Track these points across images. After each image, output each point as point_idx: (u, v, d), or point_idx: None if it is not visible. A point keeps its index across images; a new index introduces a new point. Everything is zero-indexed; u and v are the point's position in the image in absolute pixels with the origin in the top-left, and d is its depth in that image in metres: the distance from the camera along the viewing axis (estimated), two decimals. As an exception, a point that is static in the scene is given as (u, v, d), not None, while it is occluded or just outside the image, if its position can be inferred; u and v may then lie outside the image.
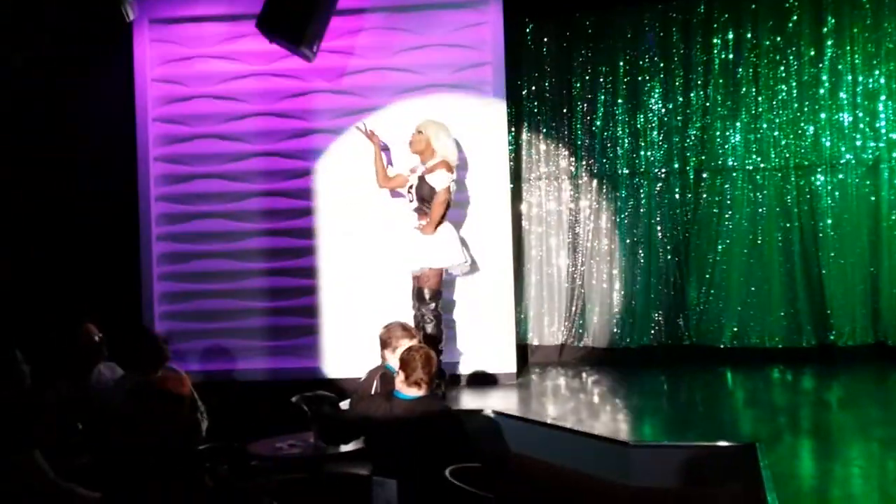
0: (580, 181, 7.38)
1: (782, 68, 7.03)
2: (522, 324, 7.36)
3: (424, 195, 5.95)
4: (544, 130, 7.42)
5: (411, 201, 6.04)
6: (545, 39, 7.39)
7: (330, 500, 4.35)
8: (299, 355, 6.80)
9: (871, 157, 6.91)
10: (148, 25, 6.90)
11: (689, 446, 4.74)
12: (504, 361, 6.69)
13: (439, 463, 3.87)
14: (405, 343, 4.57)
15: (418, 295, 5.99)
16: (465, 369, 6.68)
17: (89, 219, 6.76)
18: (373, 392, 4.71)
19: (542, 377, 6.88)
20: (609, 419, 5.59)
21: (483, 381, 6.60)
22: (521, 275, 7.36)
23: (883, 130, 6.89)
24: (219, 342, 6.85)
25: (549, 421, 5.43)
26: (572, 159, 7.40)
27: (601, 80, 7.30)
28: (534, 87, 7.41)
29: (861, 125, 6.93)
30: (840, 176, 6.97)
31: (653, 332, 7.22)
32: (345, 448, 4.46)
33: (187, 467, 2.66)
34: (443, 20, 6.73)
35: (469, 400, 6.06)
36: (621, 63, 7.26)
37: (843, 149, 6.96)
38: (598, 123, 7.33)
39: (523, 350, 7.22)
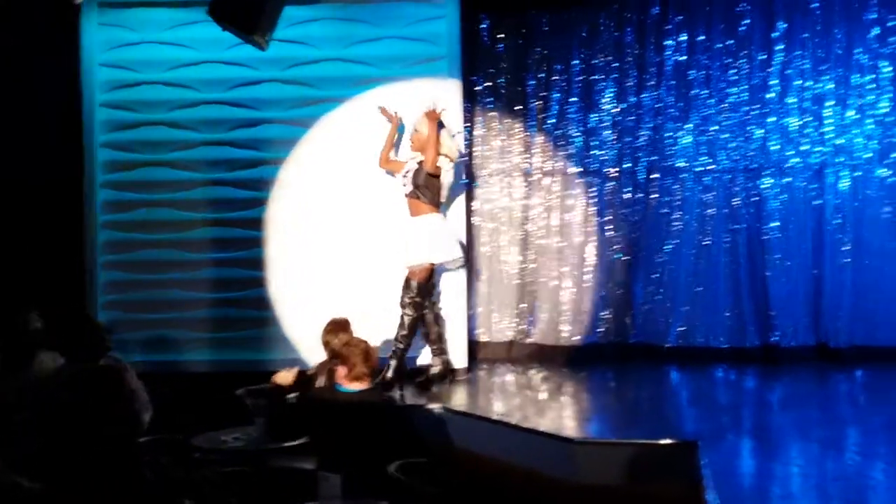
0: (532, 178, 7.40)
1: (733, 71, 7.12)
2: (472, 320, 7.36)
3: (420, 182, 6.06)
4: (498, 127, 7.43)
5: (405, 185, 6.15)
6: (501, 36, 7.39)
7: (274, 494, 4.30)
8: (246, 347, 6.73)
9: (817, 161, 7.04)
10: (97, 9, 6.76)
11: (632, 444, 4.76)
12: (454, 357, 6.69)
13: (384, 458, 3.85)
14: (344, 338, 4.54)
15: (405, 284, 6.12)
16: (414, 363, 6.66)
17: (33, 205, 6.59)
18: (319, 386, 4.68)
19: (491, 373, 6.90)
20: (555, 416, 5.63)
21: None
22: (473, 270, 7.37)
23: (829, 136, 7.02)
24: (164, 333, 6.75)
25: (495, 417, 5.44)
26: (525, 156, 7.42)
27: (556, 78, 7.33)
28: (489, 84, 7.41)
29: (808, 130, 7.05)
30: (787, 179, 7.09)
31: (601, 330, 7.27)
32: (290, 442, 4.41)
33: (127, 459, 2.60)
34: (399, 13, 6.71)
35: (417, 395, 6.04)
36: (576, 62, 7.30)
37: (789, 153, 7.08)
38: (552, 121, 7.36)
39: (472, 346, 7.23)
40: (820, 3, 6.99)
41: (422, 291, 6.11)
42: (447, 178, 6.20)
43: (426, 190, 6.11)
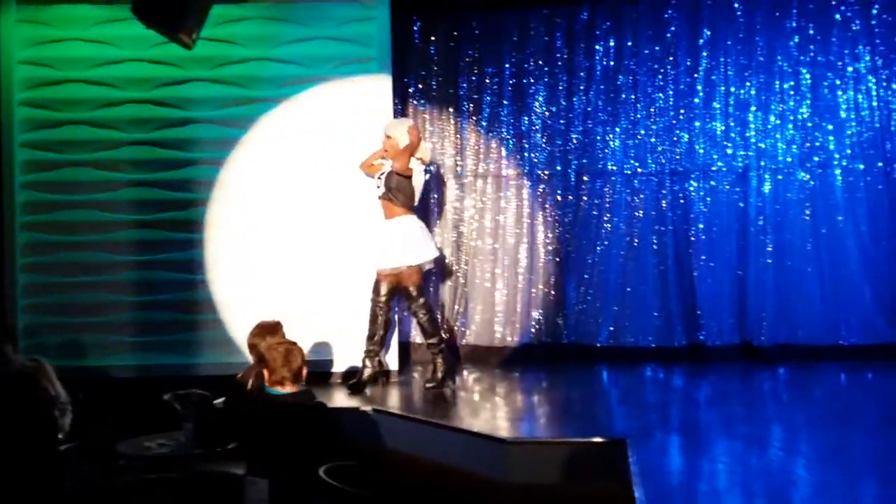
0: (465, 180, 7.43)
1: (660, 77, 7.25)
2: (405, 322, 7.34)
3: (392, 185, 6.11)
4: (430, 129, 7.44)
5: (378, 187, 6.19)
6: (433, 38, 7.40)
7: (201, 500, 4.21)
8: (172, 351, 6.59)
9: (740, 164, 7.22)
10: (15, 6, 6.58)
11: (563, 442, 4.84)
12: (386, 359, 6.66)
13: (313, 461, 3.81)
14: (271, 341, 4.47)
15: (406, 293, 6.15)
16: (344, 366, 6.62)
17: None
18: (248, 389, 4.60)
19: (424, 375, 6.87)
20: (489, 416, 5.64)
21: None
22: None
23: (752, 140, 7.20)
24: (87, 336, 6.58)
25: (428, 418, 5.43)
26: (457, 158, 7.44)
27: (487, 81, 7.37)
28: (420, 86, 7.41)
29: (732, 134, 7.22)
30: (712, 182, 7.24)
31: (533, 330, 7.33)
32: (218, 447, 4.33)
33: (48, 465, 2.51)
34: (329, 13, 6.66)
35: (349, 397, 5.99)
36: (507, 65, 7.35)
37: (715, 156, 7.23)
38: (484, 124, 7.40)
39: (406, 348, 7.21)
40: (743, 12, 7.15)
41: (421, 292, 6.19)
42: (418, 179, 6.21)
43: (399, 192, 6.12)
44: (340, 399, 5.85)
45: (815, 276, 7.07)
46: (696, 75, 7.22)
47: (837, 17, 7.07)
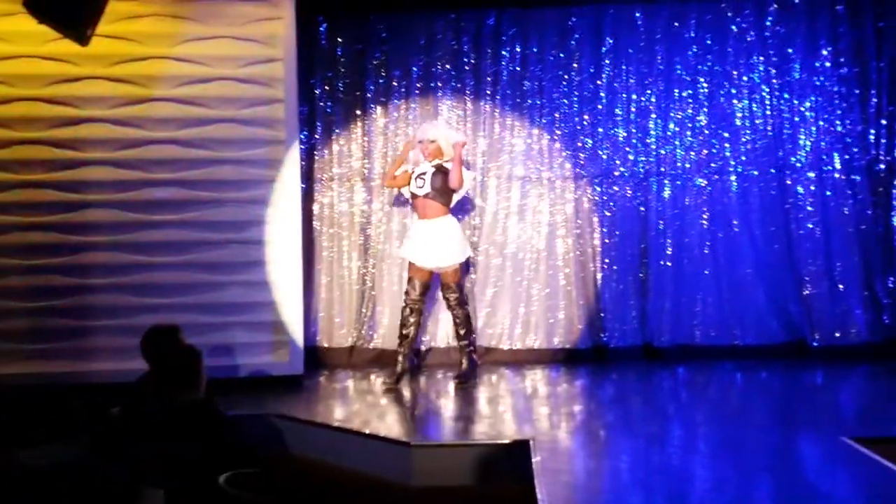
0: (372, 183, 7.39)
1: (565, 83, 7.37)
2: (312, 326, 7.26)
3: (437, 185, 6.30)
4: (337, 131, 7.38)
5: (421, 187, 6.34)
6: (339, 40, 7.35)
7: (94, 512, 4.06)
8: (65, 358, 6.33)
9: (641, 170, 7.38)
10: None
11: (468, 444, 4.86)
12: (292, 364, 6.57)
13: (212, 469, 3.71)
14: (166, 346, 4.35)
15: (448, 290, 6.46)
16: (250, 371, 6.50)
17: None
18: (144, 396, 4.46)
19: (331, 379, 6.81)
20: (394, 420, 5.62)
21: (269, 383, 6.43)
22: (312, 276, 7.27)
23: (653, 146, 7.38)
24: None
25: (333, 423, 5.38)
26: (365, 161, 7.40)
27: (395, 84, 7.36)
28: (327, 88, 7.35)
29: (634, 140, 7.38)
30: (615, 188, 7.39)
31: (441, 333, 7.34)
32: (113, 456, 4.18)
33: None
34: (231, 12, 6.52)
35: (253, 403, 5.87)
36: (415, 69, 7.35)
37: (617, 162, 7.39)
38: (391, 127, 7.38)
39: (313, 352, 7.12)
40: (643, 22, 7.32)
41: (462, 287, 6.54)
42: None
43: (443, 193, 6.35)
44: (242, 405, 5.72)
45: (712, 278, 7.29)
46: (599, 82, 7.36)
47: (733, 28, 7.30)
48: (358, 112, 7.38)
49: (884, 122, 7.21)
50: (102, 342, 6.39)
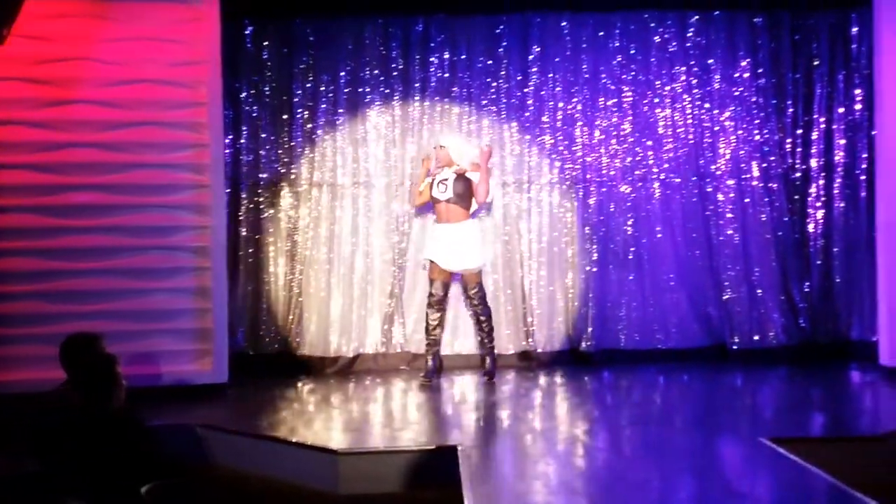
0: (300, 189, 7.33)
1: (492, 90, 7.43)
2: (238, 333, 7.15)
3: (459, 191, 6.53)
4: (263, 135, 7.29)
5: (444, 192, 6.56)
6: (266, 43, 7.27)
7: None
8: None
9: (568, 177, 7.48)
10: None
11: (396, 451, 4.85)
12: (216, 372, 6.47)
13: (134, 480, 3.63)
14: (85, 355, 4.23)
15: (470, 291, 6.74)
16: (173, 380, 6.37)
17: None
18: (63, 406, 4.33)
19: (256, 388, 6.71)
20: (322, 428, 5.56)
21: (193, 392, 6.32)
22: (238, 283, 7.17)
23: (579, 154, 7.48)
24: None
25: (259, 432, 5.30)
26: (292, 166, 7.33)
27: (322, 88, 7.31)
28: (253, 91, 7.27)
29: (560, 147, 7.48)
30: (542, 194, 7.47)
31: (369, 339, 7.32)
32: (31, 467, 4.05)
33: None
34: (154, 13, 6.41)
35: (176, 412, 5.75)
36: (342, 73, 7.32)
37: (545, 169, 7.47)
38: (319, 132, 7.33)
39: (238, 360, 7.00)
40: (569, 30, 7.43)
41: (482, 287, 6.75)
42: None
43: (465, 198, 6.58)
44: (165, 414, 5.60)
45: (636, 283, 7.43)
46: (526, 90, 7.44)
47: (656, 38, 7.46)
48: (285, 116, 7.31)
49: (799, 131, 7.46)
50: (20, 351, 6.18)
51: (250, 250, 7.28)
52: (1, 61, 6.12)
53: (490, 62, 7.42)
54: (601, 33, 7.46)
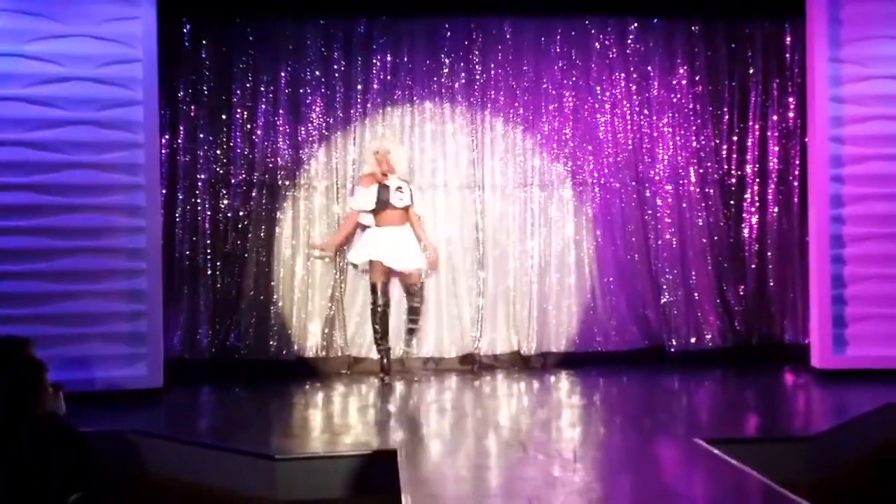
0: (239, 190, 7.22)
1: (434, 93, 7.41)
2: (173, 337, 7.00)
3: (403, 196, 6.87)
4: (201, 136, 7.17)
5: (401, 199, 6.86)
6: (204, 42, 7.16)
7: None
8: None
9: (512, 181, 7.48)
10: None
11: (334, 456, 4.80)
12: (150, 377, 6.33)
13: (62, 490, 3.52)
14: (13, 360, 4.10)
15: (410, 289, 7.02)
16: (106, 385, 6.22)
17: None
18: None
19: (192, 392, 6.59)
20: (259, 433, 5.47)
21: (126, 398, 6.17)
22: (173, 285, 7.02)
23: (520, 158, 7.50)
24: None
25: (194, 438, 5.20)
26: (230, 167, 7.22)
27: (262, 88, 7.23)
28: (191, 91, 7.15)
29: (501, 150, 7.49)
30: (487, 198, 7.44)
31: (311, 344, 7.24)
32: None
33: None
34: (87, 10, 6.27)
35: (109, 418, 5.61)
36: (283, 74, 7.24)
37: (487, 173, 7.46)
38: (259, 132, 7.24)
39: (174, 364, 6.84)
40: (512, 35, 7.46)
41: (422, 289, 7.07)
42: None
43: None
44: (97, 420, 5.46)
45: (577, 286, 7.48)
46: (468, 93, 7.44)
47: (597, 45, 7.54)
48: (223, 116, 7.20)
49: (735, 138, 7.61)
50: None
51: (187, 252, 7.14)
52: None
53: (433, 65, 7.41)
54: (542, 38, 7.50)
